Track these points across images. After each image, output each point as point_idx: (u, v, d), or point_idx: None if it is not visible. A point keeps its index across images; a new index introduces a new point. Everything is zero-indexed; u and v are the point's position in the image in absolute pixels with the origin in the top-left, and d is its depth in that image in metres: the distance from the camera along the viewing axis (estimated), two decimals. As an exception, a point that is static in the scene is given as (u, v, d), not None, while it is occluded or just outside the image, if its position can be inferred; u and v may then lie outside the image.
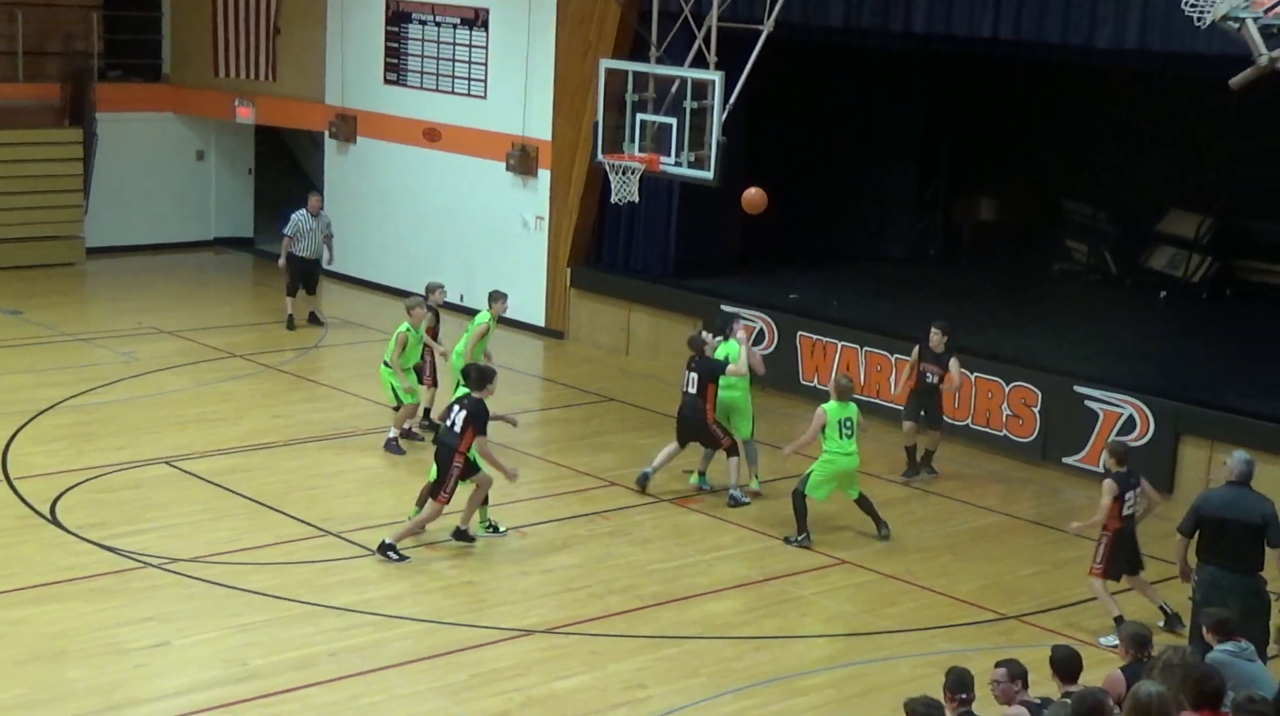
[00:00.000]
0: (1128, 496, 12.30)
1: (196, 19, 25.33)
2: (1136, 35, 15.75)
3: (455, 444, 13.11)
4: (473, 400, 13.21)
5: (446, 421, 13.28)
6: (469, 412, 13.10)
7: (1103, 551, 12.32)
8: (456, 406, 13.24)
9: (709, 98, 15.74)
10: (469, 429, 13.07)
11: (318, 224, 20.92)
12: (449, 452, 13.16)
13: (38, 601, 12.08)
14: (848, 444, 14.21)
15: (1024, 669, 8.90)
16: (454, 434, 13.13)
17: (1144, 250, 21.90)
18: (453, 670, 11.32)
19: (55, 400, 17.27)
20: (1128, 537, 12.39)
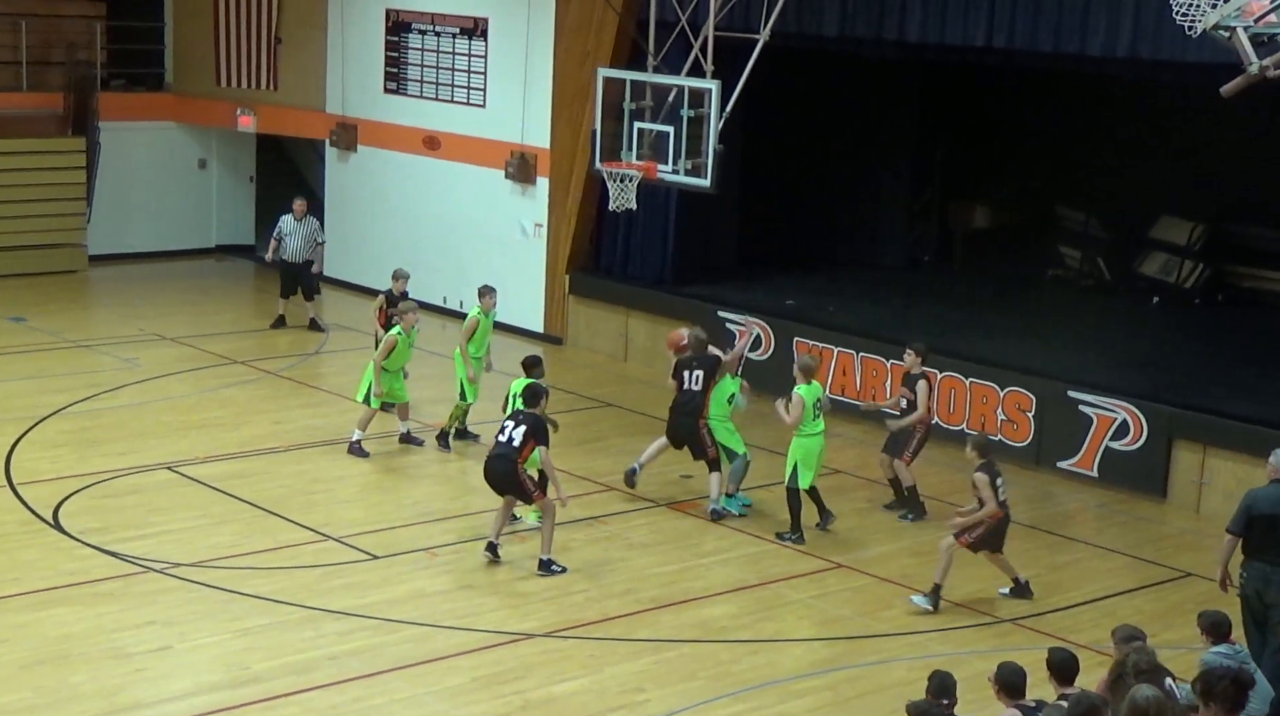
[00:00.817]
0: (999, 484, 12.77)
1: (198, 28, 25.47)
2: (1128, 44, 15.88)
3: (515, 456, 13.20)
4: (530, 415, 13.34)
5: (502, 437, 13.30)
6: (529, 427, 13.21)
7: (980, 531, 12.85)
8: (512, 422, 13.33)
9: (706, 106, 15.86)
10: (529, 441, 13.18)
11: (302, 228, 21.12)
12: (510, 465, 13.21)
13: (41, 606, 12.18)
14: (819, 423, 14.54)
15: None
16: (513, 448, 13.19)
17: (1136, 256, 22.03)
18: (452, 673, 11.42)
19: (58, 406, 17.38)
20: (1005, 523, 13.01)
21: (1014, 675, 8.97)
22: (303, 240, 21.13)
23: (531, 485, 13.35)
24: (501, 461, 13.27)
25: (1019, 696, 8.92)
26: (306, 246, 21.19)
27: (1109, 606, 13.23)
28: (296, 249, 21.14)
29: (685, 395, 15.02)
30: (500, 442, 13.29)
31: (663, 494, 15.53)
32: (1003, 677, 8.97)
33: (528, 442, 13.17)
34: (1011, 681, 8.96)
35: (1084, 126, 22.25)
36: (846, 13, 18.06)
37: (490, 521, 13.66)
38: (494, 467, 13.35)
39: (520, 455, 13.19)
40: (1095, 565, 14.52)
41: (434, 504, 15.07)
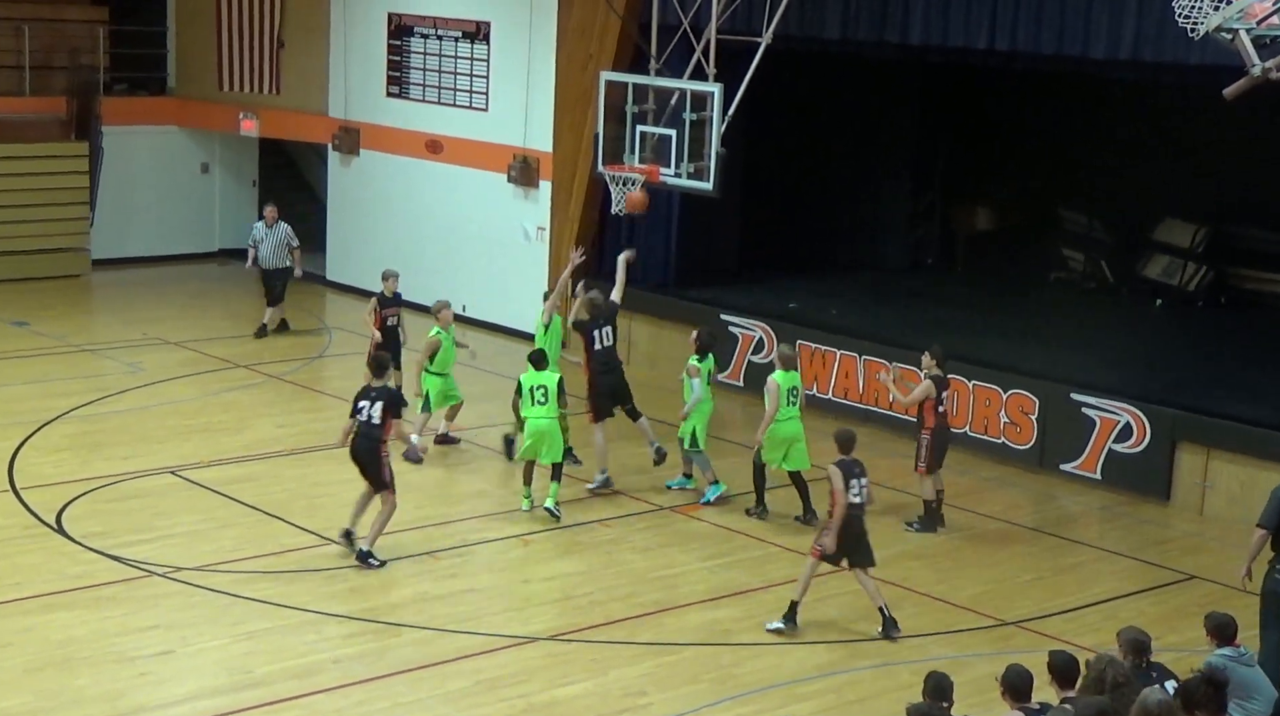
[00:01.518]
0: (853, 483, 12.34)
1: (201, 33, 25.50)
2: (1131, 46, 15.88)
3: (377, 435, 13.37)
4: (384, 389, 13.54)
5: (362, 416, 13.43)
6: (385, 402, 13.38)
7: (831, 538, 12.39)
8: (368, 401, 13.44)
9: (708, 109, 15.87)
10: (387, 416, 13.36)
11: (273, 234, 21.13)
12: (372, 444, 13.37)
13: (44, 610, 12.19)
14: (793, 410, 14.81)
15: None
16: (374, 426, 13.34)
17: (1139, 258, 22.03)
18: (455, 677, 11.42)
19: (61, 410, 17.40)
20: (855, 524, 12.45)
21: (1019, 677, 8.96)
22: (274, 247, 21.12)
23: (389, 474, 13.44)
24: (365, 441, 13.40)
25: (1024, 699, 8.92)
26: (279, 252, 21.15)
27: (1112, 609, 13.22)
28: (269, 255, 21.15)
29: (605, 352, 15.52)
30: (362, 423, 13.41)
31: (667, 499, 15.52)
32: (1009, 680, 8.96)
33: (386, 418, 13.33)
34: (1017, 684, 8.95)
35: (1086, 128, 22.25)
36: (848, 15, 18.07)
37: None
38: (358, 447, 13.47)
39: (383, 433, 13.33)
40: (1098, 568, 14.51)
41: (436, 507, 15.07)
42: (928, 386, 14.85)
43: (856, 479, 12.40)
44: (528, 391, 14.63)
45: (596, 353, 15.62)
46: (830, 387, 18.54)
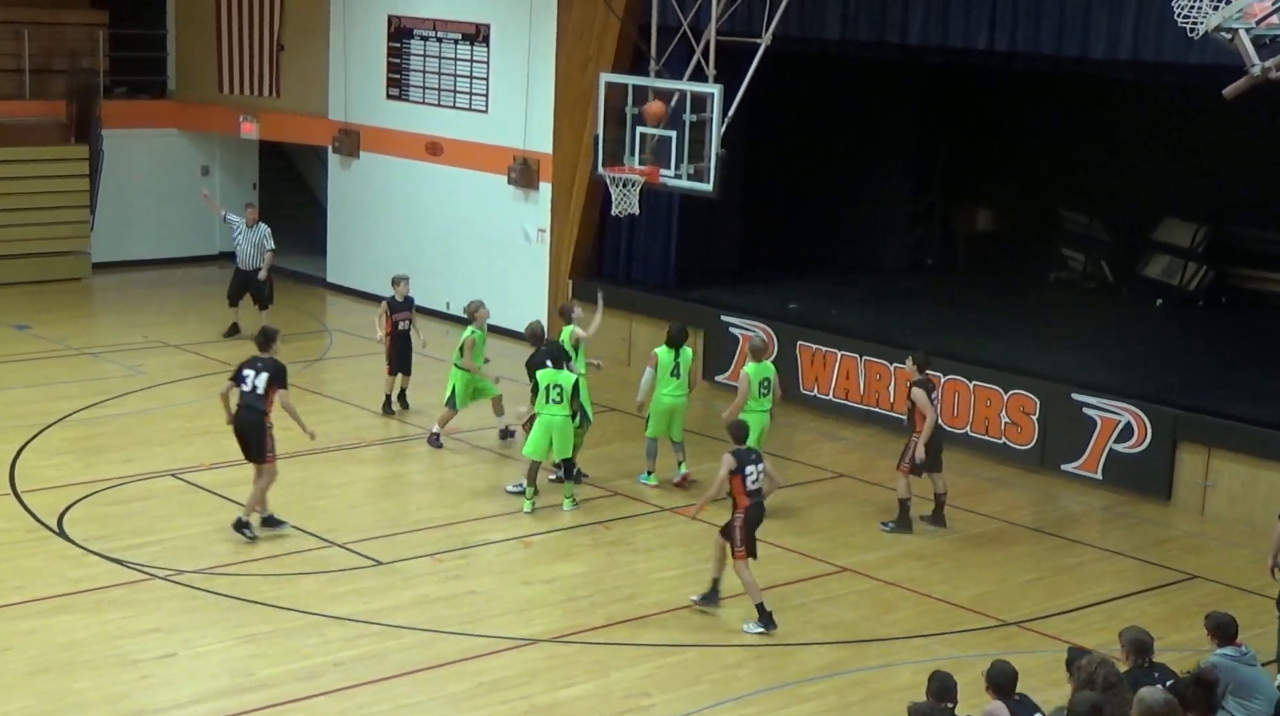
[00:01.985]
0: (748, 471, 12.35)
1: (201, 36, 25.51)
2: (1130, 46, 15.90)
3: (261, 406, 13.55)
4: (269, 360, 13.69)
5: (246, 386, 13.62)
6: (270, 373, 13.53)
7: (739, 533, 12.39)
8: (252, 371, 13.62)
9: (708, 110, 15.88)
10: (272, 388, 13.51)
11: (254, 235, 20.95)
12: (256, 415, 13.55)
13: (46, 613, 12.20)
14: (764, 402, 15.02)
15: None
16: (257, 396, 13.54)
17: (1140, 258, 22.05)
18: (457, 679, 11.43)
19: (62, 413, 17.40)
20: (757, 513, 12.50)
21: (1002, 676, 9.06)
22: (253, 247, 20.94)
23: (270, 444, 13.62)
24: (249, 412, 13.59)
25: (1008, 696, 8.99)
26: (257, 253, 20.95)
27: (1114, 609, 13.22)
28: (248, 255, 20.96)
29: None
30: (245, 393, 13.58)
31: (667, 499, 15.53)
32: (992, 677, 9.06)
33: (271, 390, 13.50)
34: (999, 681, 9.05)
35: (1086, 128, 22.26)
36: (848, 16, 18.09)
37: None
38: (242, 419, 13.63)
39: (266, 404, 13.51)
40: (1100, 568, 14.51)
41: (438, 510, 15.08)
42: (920, 396, 14.72)
43: (754, 466, 12.42)
44: (544, 389, 14.76)
45: None
46: (831, 388, 18.55)
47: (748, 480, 12.34)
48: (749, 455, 12.51)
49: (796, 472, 16.65)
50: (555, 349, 15.27)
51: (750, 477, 12.35)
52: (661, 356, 15.59)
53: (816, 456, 17.40)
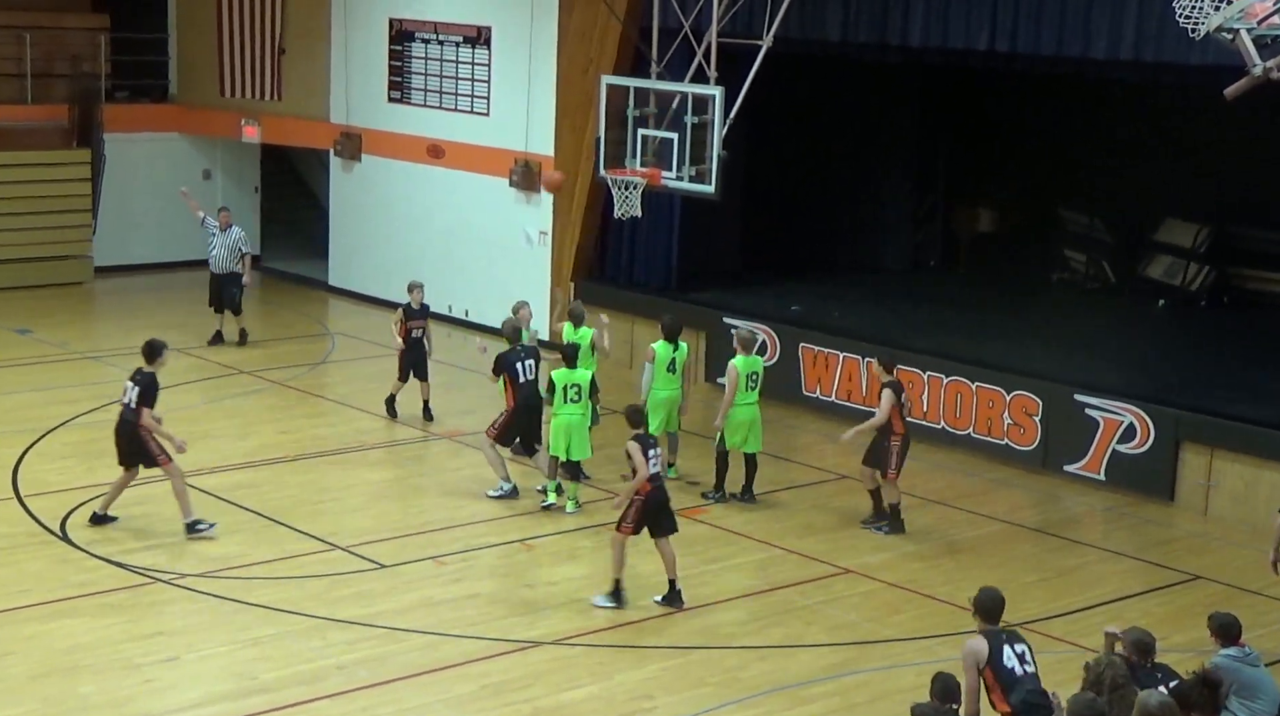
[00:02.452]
0: (651, 455, 12.61)
1: (202, 40, 25.53)
2: (1132, 47, 15.90)
3: (134, 418, 13.72)
4: (146, 374, 13.83)
5: (125, 398, 13.81)
6: (141, 388, 13.71)
7: (632, 513, 12.64)
8: (130, 383, 13.84)
9: (709, 112, 15.89)
10: (142, 402, 13.69)
11: (227, 239, 20.77)
12: (130, 428, 13.70)
13: (49, 617, 12.20)
14: (751, 395, 15.20)
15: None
16: (131, 410, 13.72)
17: (1141, 259, 22.04)
18: (460, 682, 11.43)
19: (65, 418, 17.41)
20: (657, 496, 12.73)
21: (989, 601, 9.39)
22: (226, 251, 20.75)
23: (155, 447, 13.75)
24: (124, 424, 13.78)
25: (994, 621, 9.32)
26: (231, 257, 20.78)
27: (1117, 610, 13.21)
28: (222, 259, 20.77)
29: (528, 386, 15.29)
30: (124, 404, 13.79)
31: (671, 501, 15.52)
32: (979, 602, 9.38)
33: (141, 405, 13.66)
34: (986, 606, 9.35)
35: (1087, 128, 22.26)
36: (849, 18, 18.09)
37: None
38: (119, 429, 13.82)
39: (137, 417, 13.66)
40: (1103, 568, 14.50)
41: (440, 513, 15.08)
42: (888, 396, 14.61)
43: (654, 450, 12.68)
44: (561, 389, 14.82)
45: (521, 386, 15.28)
46: (834, 390, 18.55)
47: (651, 464, 12.66)
48: (649, 441, 12.82)
49: (799, 474, 16.66)
50: (572, 349, 15.31)
51: (653, 462, 12.65)
52: (659, 351, 15.68)
53: (819, 458, 17.39)
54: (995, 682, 9.15)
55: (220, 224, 20.85)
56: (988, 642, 9.22)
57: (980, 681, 9.18)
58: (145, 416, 13.71)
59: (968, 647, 9.30)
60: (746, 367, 15.22)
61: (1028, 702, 9.11)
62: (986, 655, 9.18)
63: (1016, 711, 9.11)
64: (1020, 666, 9.21)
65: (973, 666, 9.21)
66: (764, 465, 16.17)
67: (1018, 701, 9.11)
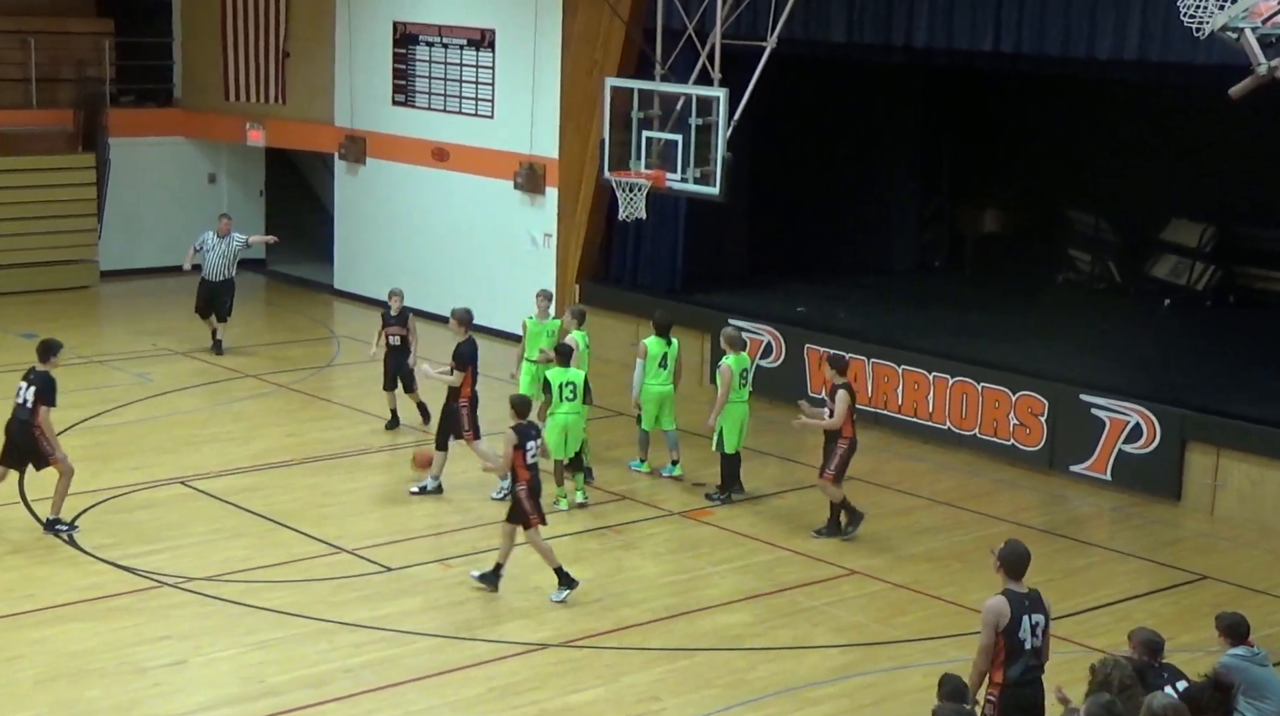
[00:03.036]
0: (529, 445, 12.82)
1: (207, 44, 25.56)
2: (1136, 46, 15.87)
3: (28, 417, 13.72)
4: (41, 374, 13.82)
5: (20, 398, 13.83)
6: (38, 387, 13.73)
7: (527, 504, 12.84)
8: (25, 382, 13.83)
9: (714, 114, 15.88)
10: (38, 402, 13.70)
11: (223, 246, 20.62)
12: (24, 427, 13.74)
13: (56, 621, 12.21)
14: (744, 392, 15.40)
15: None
16: (26, 409, 13.72)
17: (1147, 259, 22.01)
18: (468, 685, 11.42)
19: (71, 422, 17.37)
20: (537, 483, 12.92)
21: (1014, 555, 9.36)
22: (220, 257, 20.59)
23: (48, 447, 13.80)
24: (18, 423, 13.79)
25: (1017, 579, 9.27)
26: (225, 263, 20.63)
27: (1125, 610, 13.20)
28: (215, 266, 20.61)
29: None
30: (17, 404, 13.80)
31: (677, 502, 15.53)
32: (1003, 557, 9.34)
33: (38, 403, 13.66)
34: (1010, 561, 9.32)
35: (1091, 128, 22.24)
36: (853, 19, 18.08)
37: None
38: (12, 428, 13.84)
39: (34, 416, 13.67)
40: (1110, 569, 14.49)
41: (447, 516, 15.08)
42: (844, 397, 14.43)
43: (533, 441, 12.87)
44: (557, 388, 14.93)
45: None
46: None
47: (527, 454, 12.77)
48: (529, 430, 12.93)
49: (805, 475, 16.63)
50: (565, 349, 15.36)
51: (530, 452, 12.79)
52: (651, 347, 15.83)
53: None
54: (1002, 649, 9.16)
55: (220, 230, 20.73)
56: (1010, 608, 9.18)
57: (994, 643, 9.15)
58: (43, 415, 13.73)
59: (990, 605, 9.25)
60: (739, 365, 15.33)
61: (1023, 679, 9.14)
62: (1007, 620, 9.15)
63: (1008, 684, 9.14)
64: (1031, 639, 9.20)
65: (992, 626, 9.18)
66: (769, 466, 16.22)
67: (1015, 674, 9.15)
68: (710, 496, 15.58)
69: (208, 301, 20.76)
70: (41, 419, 13.72)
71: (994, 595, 9.35)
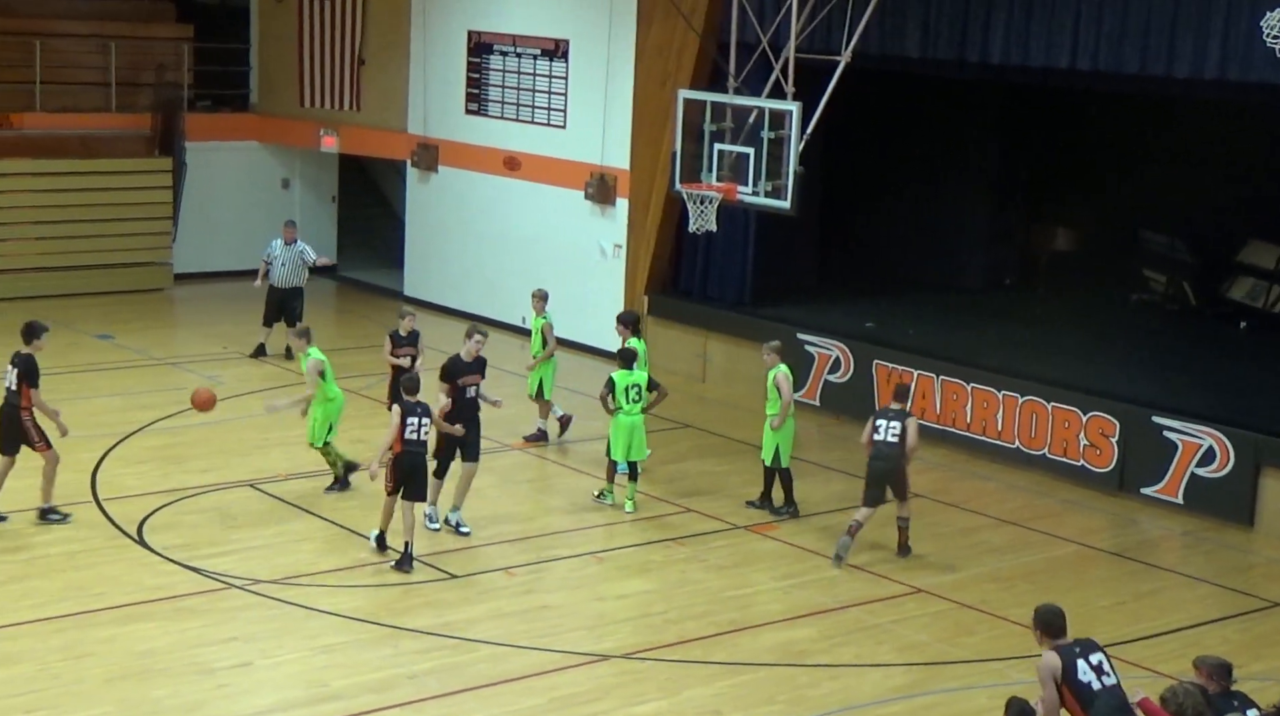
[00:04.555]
0: (410, 421, 13.46)
1: (283, 50, 25.81)
2: (1216, 65, 15.67)
3: (15, 401, 13.89)
4: (24, 357, 13.95)
5: (6, 382, 13.99)
6: (21, 370, 13.88)
7: (388, 472, 13.61)
8: (10, 367, 14.00)
9: (786, 128, 15.87)
10: (23, 384, 13.83)
11: (290, 253, 20.73)
12: (13, 411, 13.90)
13: (125, 620, 12.34)
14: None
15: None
16: (14, 393, 13.88)
17: (1223, 280, 21.74)
18: (529, 694, 11.43)
19: (144, 423, 17.62)
20: (411, 459, 13.51)
21: (1049, 614, 9.20)
22: (290, 265, 20.73)
23: (36, 434, 13.92)
24: (8, 409, 13.94)
25: (1059, 636, 9.09)
26: (294, 271, 20.76)
27: (1194, 636, 13.04)
28: (283, 273, 20.74)
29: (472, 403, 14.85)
30: (8, 390, 13.94)
31: (742, 516, 15.49)
32: (1040, 617, 9.20)
33: (23, 386, 13.80)
34: (1047, 620, 9.17)
35: (1167, 147, 22.00)
36: (928, 34, 17.99)
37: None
38: (3, 417, 13.96)
39: (20, 400, 13.81)
40: (1180, 594, 14.31)
41: (511, 524, 15.11)
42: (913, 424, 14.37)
43: (417, 417, 13.46)
44: (622, 390, 15.03)
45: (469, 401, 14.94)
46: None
47: (408, 429, 13.40)
48: (415, 407, 13.49)
49: (827, 485, 16.57)
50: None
51: (410, 428, 13.41)
52: (616, 380, 15.28)
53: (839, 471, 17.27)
54: (1073, 699, 9.01)
55: (285, 239, 20.85)
56: (1060, 656, 9.09)
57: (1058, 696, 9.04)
58: (33, 397, 13.89)
59: (1042, 662, 9.17)
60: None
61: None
62: (1061, 669, 9.05)
63: None
64: (1098, 678, 9.07)
65: (1049, 679, 9.09)
66: (834, 482, 16.11)
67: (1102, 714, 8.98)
68: (779, 511, 15.50)
69: (277, 309, 20.87)
70: (34, 401, 13.92)
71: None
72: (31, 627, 12.10)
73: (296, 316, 20.85)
